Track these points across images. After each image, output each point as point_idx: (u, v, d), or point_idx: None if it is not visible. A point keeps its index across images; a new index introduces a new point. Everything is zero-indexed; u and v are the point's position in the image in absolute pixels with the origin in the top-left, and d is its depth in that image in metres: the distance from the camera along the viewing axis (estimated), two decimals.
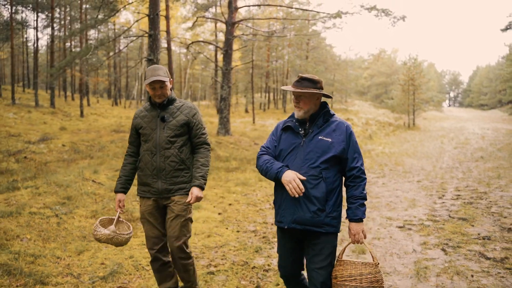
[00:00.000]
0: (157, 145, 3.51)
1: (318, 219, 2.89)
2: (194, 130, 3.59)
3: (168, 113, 3.56)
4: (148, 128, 3.57)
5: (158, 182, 3.50)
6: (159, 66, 3.55)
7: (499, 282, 4.28)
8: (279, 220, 3.05)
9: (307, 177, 2.88)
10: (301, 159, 2.96)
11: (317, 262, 2.93)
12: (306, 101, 3.02)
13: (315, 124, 3.05)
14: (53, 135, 14.45)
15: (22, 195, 6.81)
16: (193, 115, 3.59)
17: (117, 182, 3.75)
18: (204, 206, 7.32)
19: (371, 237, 5.94)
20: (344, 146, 2.97)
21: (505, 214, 7.02)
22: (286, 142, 3.08)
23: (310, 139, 3.00)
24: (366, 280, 2.82)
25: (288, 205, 2.97)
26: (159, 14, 12.33)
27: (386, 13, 15.96)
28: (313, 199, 2.89)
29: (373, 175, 11.82)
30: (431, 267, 4.74)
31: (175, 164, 3.50)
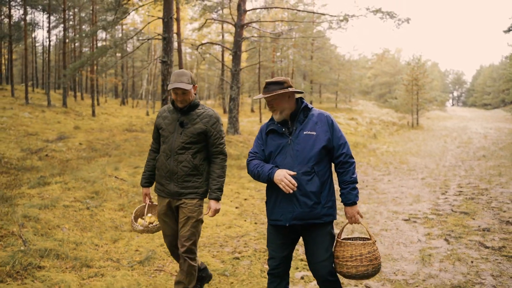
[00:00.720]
0: (172, 148, 3.58)
1: (315, 212, 3.00)
2: (212, 139, 3.60)
3: (188, 119, 3.59)
4: (166, 130, 3.64)
5: (171, 184, 3.59)
6: (184, 72, 3.59)
7: (496, 267, 4.75)
8: (276, 218, 3.09)
9: (300, 174, 2.97)
10: (291, 158, 3.04)
11: (320, 255, 3.04)
12: (278, 103, 3.11)
13: (297, 121, 3.14)
14: (69, 134, 14.97)
15: (53, 190, 7.31)
16: (212, 125, 3.58)
17: (142, 177, 3.92)
18: (222, 200, 7.78)
19: (379, 228, 6.41)
20: (329, 136, 3.07)
21: (505, 209, 7.47)
22: (273, 144, 3.14)
23: (296, 136, 3.07)
24: (366, 259, 2.98)
25: (285, 204, 3.03)
26: (173, 18, 12.82)
27: (391, 15, 16.39)
28: (310, 194, 2.98)
29: (379, 172, 12.28)
30: (434, 254, 5.21)
31: (187, 169, 3.55)
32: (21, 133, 14.05)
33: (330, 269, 3.03)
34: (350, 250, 3.00)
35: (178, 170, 3.55)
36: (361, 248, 2.99)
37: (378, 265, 3.00)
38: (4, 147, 11.40)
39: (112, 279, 4.23)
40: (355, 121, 30.14)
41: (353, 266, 2.97)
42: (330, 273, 3.03)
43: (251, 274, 4.55)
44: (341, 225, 6.26)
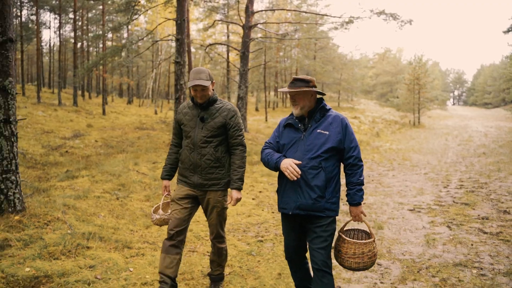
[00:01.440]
0: (195, 143, 3.73)
1: (319, 205, 3.17)
2: (231, 131, 3.77)
3: (208, 114, 3.75)
4: (188, 125, 3.80)
5: (195, 176, 3.76)
6: (202, 69, 3.72)
7: (493, 248, 5.28)
8: (283, 206, 3.31)
9: (308, 168, 3.16)
10: (301, 152, 3.22)
11: (318, 243, 3.19)
12: (301, 99, 3.28)
13: (313, 119, 3.30)
14: (84, 132, 15.51)
15: (82, 183, 7.85)
16: (231, 118, 3.76)
17: (163, 170, 4.07)
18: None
19: (387, 217, 6.95)
20: (341, 137, 3.21)
21: (503, 200, 8.01)
22: (288, 137, 3.35)
23: (310, 133, 3.26)
24: (366, 256, 3.21)
25: (291, 193, 3.24)
26: (185, 20, 13.34)
27: (394, 17, 16.91)
28: (314, 187, 3.15)
29: (383, 168, 12.81)
30: (438, 238, 5.75)
31: (210, 162, 3.72)
32: (38, 131, 14.59)
33: (324, 258, 3.18)
34: (353, 248, 3.22)
35: (201, 163, 3.72)
36: (363, 247, 3.21)
37: (375, 260, 3.27)
38: (26, 144, 11.94)
39: (152, 258, 4.78)
40: (358, 120, 30.65)
41: (355, 262, 3.22)
42: (325, 263, 3.17)
43: (275, 254, 5.09)
44: (342, 221, 6.79)
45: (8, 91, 5.33)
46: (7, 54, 5.34)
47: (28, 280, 3.93)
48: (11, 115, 5.37)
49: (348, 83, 41.92)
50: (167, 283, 3.62)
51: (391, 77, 59.75)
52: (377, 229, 6.23)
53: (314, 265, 3.20)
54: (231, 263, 4.77)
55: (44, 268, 4.15)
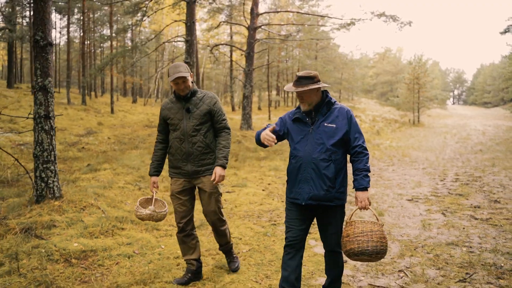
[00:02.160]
0: (185, 133, 3.92)
1: (330, 195, 3.31)
2: (215, 117, 4.01)
3: (192, 104, 3.96)
4: (175, 118, 3.98)
5: (188, 165, 3.94)
6: (180, 64, 3.93)
7: (482, 231, 5.90)
8: (295, 197, 3.42)
9: (319, 161, 3.29)
10: (311, 145, 3.34)
11: (331, 229, 3.43)
12: (309, 96, 3.37)
13: (319, 113, 3.41)
14: (96, 130, 16.13)
15: (104, 175, 8.47)
16: (214, 104, 4.01)
17: (150, 167, 4.22)
18: (250, 185, 8.97)
19: (387, 206, 7.58)
20: (347, 129, 3.34)
21: (494, 191, 8.63)
22: (297, 131, 3.45)
23: (318, 127, 3.37)
24: (376, 235, 3.14)
25: (303, 185, 3.36)
26: (194, 22, 13.95)
27: (394, 19, 17.51)
28: (325, 178, 3.29)
29: (384, 163, 13.44)
30: (433, 223, 6.37)
31: (201, 148, 3.94)
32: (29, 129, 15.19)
33: (338, 241, 3.44)
34: (360, 227, 3.20)
35: (193, 151, 3.92)
36: (371, 225, 3.20)
37: (386, 245, 3.17)
38: None
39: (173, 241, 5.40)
40: (358, 119, 31.26)
41: (364, 241, 3.12)
42: (337, 245, 3.45)
43: None
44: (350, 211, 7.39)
45: (48, 90, 5.96)
46: (47, 57, 5.97)
47: (78, 253, 4.55)
48: (50, 111, 6.00)
49: (349, 83, 42.52)
50: (194, 264, 4.14)
51: (391, 77, 60.33)
52: (378, 215, 6.84)
53: (328, 248, 3.50)
54: (250, 242, 5.39)
55: (89, 244, 4.78)
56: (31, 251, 4.44)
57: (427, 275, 4.34)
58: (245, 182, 9.13)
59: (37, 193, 5.93)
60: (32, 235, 4.87)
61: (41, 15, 5.91)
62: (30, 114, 6.19)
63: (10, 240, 4.70)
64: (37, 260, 4.26)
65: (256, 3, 18.32)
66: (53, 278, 3.97)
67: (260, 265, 4.62)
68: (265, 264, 4.65)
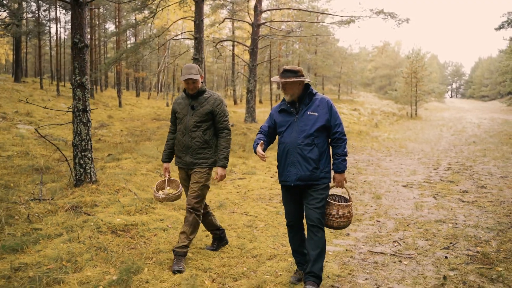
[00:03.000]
0: (186, 127, 4.39)
1: (315, 175, 3.72)
2: (217, 117, 4.43)
3: (197, 103, 4.41)
4: (181, 113, 4.47)
5: (187, 156, 4.42)
6: (192, 65, 4.38)
7: (467, 211, 6.73)
8: (285, 180, 3.82)
9: (303, 145, 3.70)
10: (296, 132, 3.73)
11: (314, 203, 3.74)
12: (291, 87, 3.77)
13: (302, 103, 3.79)
14: (108, 123, 16.90)
15: (126, 163, 9.27)
16: (217, 105, 4.42)
17: (163, 154, 4.74)
18: (258, 172, 9.80)
19: (384, 191, 8.40)
20: (328, 117, 3.73)
21: (482, 179, 9.46)
22: (283, 120, 3.85)
23: (301, 115, 3.76)
24: (347, 216, 3.82)
25: (291, 168, 3.75)
26: (203, 20, 14.69)
27: (392, 16, 18.25)
28: (310, 160, 3.69)
29: (382, 154, 14.26)
30: (425, 205, 7.19)
31: (199, 143, 4.38)
32: (66, 121, 15.96)
33: (320, 216, 3.75)
34: (336, 209, 3.80)
35: (192, 144, 4.38)
36: (343, 208, 3.81)
37: (351, 220, 3.90)
38: (62, 132, 13.34)
39: None
40: (357, 112, 32.05)
41: (336, 221, 3.80)
42: (319, 220, 3.75)
43: None
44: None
45: (85, 86, 6.76)
46: (84, 57, 6.75)
47: (121, 226, 5.36)
48: (87, 106, 6.80)
49: (348, 76, 43.21)
50: (217, 233, 4.91)
51: (389, 70, 61.01)
52: (376, 199, 7.68)
53: (310, 221, 3.75)
54: (265, 219, 6.21)
55: (129, 219, 5.59)
56: (83, 224, 5.25)
57: (417, 244, 5.17)
58: (254, 170, 9.95)
59: (76, 178, 6.74)
60: (80, 212, 5.68)
61: (79, 21, 6.68)
62: (69, 108, 6.98)
63: (63, 216, 5.52)
64: (89, 231, 5.07)
65: (260, 0, 19.05)
66: (107, 245, 4.78)
67: (275, 237, 5.45)
68: (280, 236, 5.47)
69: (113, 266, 4.26)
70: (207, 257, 4.66)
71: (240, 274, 4.22)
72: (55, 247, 4.58)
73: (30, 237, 4.84)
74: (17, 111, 15.46)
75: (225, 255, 4.73)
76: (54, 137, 12.13)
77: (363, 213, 6.75)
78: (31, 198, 6.18)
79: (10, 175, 7.87)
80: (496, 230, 5.69)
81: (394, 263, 4.58)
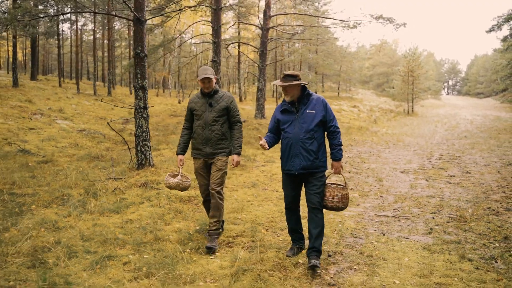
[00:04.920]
0: (206, 122, 4.92)
1: (315, 164, 4.30)
2: (231, 112, 5.02)
3: (214, 100, 4.96)
4: (199, 110, 4.98)
5: (207, 147, 4.95)
6: (208, 67, 4.95)
7: (453, 190, 8.38)
8: (289, 169, 4.38)
9: (305, 139, 4.25)
10: (298, 128, 4.29)
11: (315, 189, 4.33)
12: (291, 90, 4.32)
13: (301, 103, 4.35)
14: (130, 118, 18.47)
15: (166, 153, 10.88)
16: (231, 102, 5.03)
17: (178, 147, 5.23)
18: (277, 161, 11.42)
19: (385, 175, 10.05)
20: (324, 113, 4.30)
21: (468, 166, 11.13)
22: (285, 118, 4.40)
23: (302, 113, 4.31)
24: (345, 198, 4.37)
25: (295, 158, 4.30)
26: (221, 26, 16.28)
27: (391, 21, 19.84)
28: (311, 152, 4.26)
29: (381, 147, 15.93)
30: (418, 185, 8.84)
31: (218, 135, 4.94)
32: (93, 117, 17.55)
33: (319, 200, 4.34)
34: (336, 191, 4.35)
35: (212, 136, 4.94)
36: (342, 190, 4.37)
37: (347, 203, 4.45)
38: (95, 127, 14.93)
39: (242, 192, 7.85)
40: (357, 108, 33.71)
41: (335, 202, 4.34)
42: (319, 203, 4.35)
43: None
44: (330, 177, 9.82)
45: (145, 88, 8.36)
46: (144, 65, 8.36)
47: (186, 197, 6.99)
48: (146, 104, 8.41)
49: (347, 74, 44.71)
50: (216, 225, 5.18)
51: (387, 68, 62.42)
52: (378, 181, 9.33)
53: (311, 204, 4.37)
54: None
55: (190, 193, 7.21)
56: (157, 196, 6.87)
57: (411, 211, 6.81)
58: (273, 159, 11.57)
59: (138, 162, 8.37)
60: (150, 187, 7.30)
61: (140, 35, 8.28)
62: (131, 106, 8.59)
63: (138, 190, 7.15)
64: (164, 200, 6.69)
65: (269, 6, 20.64)
66: (181, 208, 6.41)
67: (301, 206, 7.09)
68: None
69: (191, 222, 5.90)
70: (258, 216, 6.29)
71: (283, 227, 5.85)
72: (144, 210, 6.22)
73: (121, 204, 6.47)
74: (50, 107, 17.01)
75: (269, 216, 6.36)
76: (92, 132, 13.72)
77: (369, 190, 8.39)
78: (107, 178, 7.80)
79: (73, 162, 9.49)
80: (473, 202, 7.35)
81: (394, 221, 6.23)
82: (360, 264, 4.51)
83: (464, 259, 4.60)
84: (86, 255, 4.47)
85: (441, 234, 5.55)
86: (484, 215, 6.48)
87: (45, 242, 4.70)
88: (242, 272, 4.09)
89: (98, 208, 6.16)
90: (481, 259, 4.61)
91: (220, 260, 4.51)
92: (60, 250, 4.50)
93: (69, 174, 7.94)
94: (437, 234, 5.56)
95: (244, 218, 6.14)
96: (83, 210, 6.08)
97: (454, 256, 4.70)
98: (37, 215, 5.74)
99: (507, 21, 23.97)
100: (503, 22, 24.05)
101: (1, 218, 5.52)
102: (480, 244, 5.14)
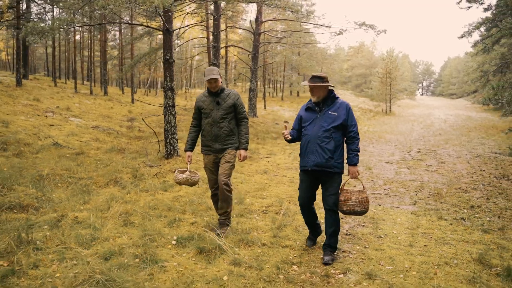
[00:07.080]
0: (215, 120, 5.03)
1: (330, 163, 4.31)
2: (238, 109, 5.13)
3: (221, 99, 5.06)
4: (207, 108, 5.07)
5: (216, 144, 5.10)
6: (214, 68, 5.05)
7: (431, 176, 10.08)
8: (304, 165, 4.48)
9: (322, 137, 4.32)
10: (318, 126, 4.39)
11: (330, 191, 4.40)
12: (318, 90, 4.40)
13: (325, 104, 4.44)
14: (134, 116, 19.70)
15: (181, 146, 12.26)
16: (237, 99, 5.12)
17: (186, 144, 5.32)
18: (278, 154, 12.98)
19: (373, 165, 11.70)
20: (345, 117, 4.35)
21: (443, 158, 12.90)
22: (308, 116, 4.53)
23: (324, 114, 4.41)
24: (364, 201, 4.36)
25: (310, 155, 4.39)
26: (220, 32, 17.71)
27: (372, 27, 21.48)
28: (326, 151, 4.30)
29: (366, 143, 17.67)
30: (401, 172, 10.51)
31: (227, 132, 5.07)
32: (98, 115, 18.70)
33: (335, 201, 4.38)
34: (354, 195, 4.38)
35: (220, 133, 5.06)
36: (360, 194, 4.38)
37: (368, 206, 4.38)
38: (104, 124, 16.17)
39: (258, 177, 9.35)
40: None
41: (356, 205, 4.33)
42: (334, 204, 4.39)
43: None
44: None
45: (173, 89, 9.77)
46: (171, 68, 9.76)
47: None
48: (174, 103, 9.82)
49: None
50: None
51: (365, 70, 64.14)
52: (368, 169, 10.97)
53: (327, 206, 4.43)
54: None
55: None
56: None
57: (398, 190, 8.45)
58: (274, 152, 13.12)
59: (166, 153, 9.77)
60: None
61: (169, 44, 9.69)
62: (161, 104, 9.98)
63: (172, 175, 8.56)
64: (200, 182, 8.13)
65: (261, 12, 22.15)
66: None
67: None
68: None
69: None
70: (279, 193, 7.81)
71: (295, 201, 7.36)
72: (187, 188, 7.64)
73: (166, 184, 7.89)
74: (58, 106, 18.10)
75: (287, 193, 7.87)
76: (105, 128, 14.97)
77: (361, 177, 9.99)
78: (146, 165, 9.18)
79: (103, 154, 10.81)
80: (447, 184, 9.05)
81: (386, 197, 7.85)
82: (366, 223, 6.09)
83: (441, 219, 6.23)
84: (160, 218, 5.90)
85: (423, 205, 7.18)
86: (456, 192, 8.17)
87: (125, 209, 6.10)
88: (283, 226, 5.62)
89: (150, 187, 7.57)
90: (454, 220, 6.25)
91: (263, 220, 6.01)
92: (140, 214, 5.91)
93: (109, 163, 9.28)
94: (420, 205, 7.19)
95: (268, 195, 7.65)
96: (138, 189, 7.48)
97: (434, 217, 6.33)
98: (102, 193, 7.10)
99: (477, 28, 26.05)
100: (474, 29, 26.09)
101: (75, 195, 6.88)
102: (453, 210, 6.80)
